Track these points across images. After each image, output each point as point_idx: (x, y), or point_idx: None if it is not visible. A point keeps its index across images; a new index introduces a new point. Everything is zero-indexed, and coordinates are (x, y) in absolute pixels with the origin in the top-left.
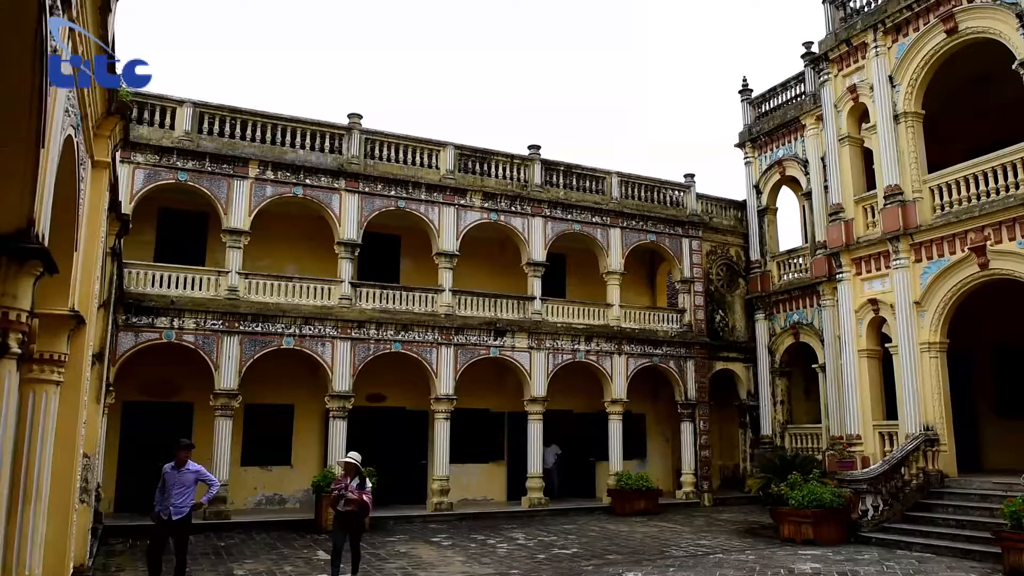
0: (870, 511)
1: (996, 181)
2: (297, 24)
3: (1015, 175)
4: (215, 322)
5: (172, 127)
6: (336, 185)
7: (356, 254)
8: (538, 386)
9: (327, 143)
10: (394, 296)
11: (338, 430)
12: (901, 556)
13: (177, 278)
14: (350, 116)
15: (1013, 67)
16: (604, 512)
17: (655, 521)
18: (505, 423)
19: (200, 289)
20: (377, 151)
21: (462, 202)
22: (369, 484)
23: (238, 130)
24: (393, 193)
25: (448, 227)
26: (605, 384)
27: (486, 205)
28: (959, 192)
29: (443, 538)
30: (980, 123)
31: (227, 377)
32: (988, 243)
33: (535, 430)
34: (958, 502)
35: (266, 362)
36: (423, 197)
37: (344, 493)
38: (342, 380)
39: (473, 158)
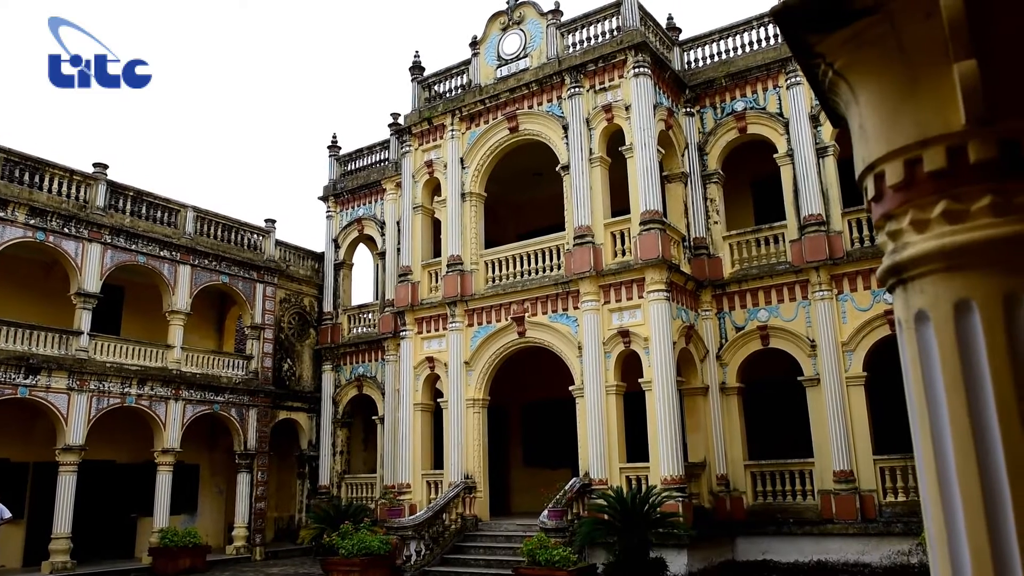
0: (413, 556)
1: (535, 263)
2: None
3: (549, 259)
4: None
5: None
6: None
7: None
8: (76, 433)
9: None
10: None
11: None
12: None
13: None
14: None
15: (557, 168)
16: (144, 573)
17: None
18: (30, 475)
19: None
20: None
21: (1, 215)
22: None
23: None
24: None
25: None
26: (157, 432)
27: (32, 222)
28: (507, 268)
29: None
30: (533, 210)
31: None
32: (526, 314)
33: (67, 483)
34: (488, 543)
35: None
36: None
37: None
38: None
39: (23, 166)
